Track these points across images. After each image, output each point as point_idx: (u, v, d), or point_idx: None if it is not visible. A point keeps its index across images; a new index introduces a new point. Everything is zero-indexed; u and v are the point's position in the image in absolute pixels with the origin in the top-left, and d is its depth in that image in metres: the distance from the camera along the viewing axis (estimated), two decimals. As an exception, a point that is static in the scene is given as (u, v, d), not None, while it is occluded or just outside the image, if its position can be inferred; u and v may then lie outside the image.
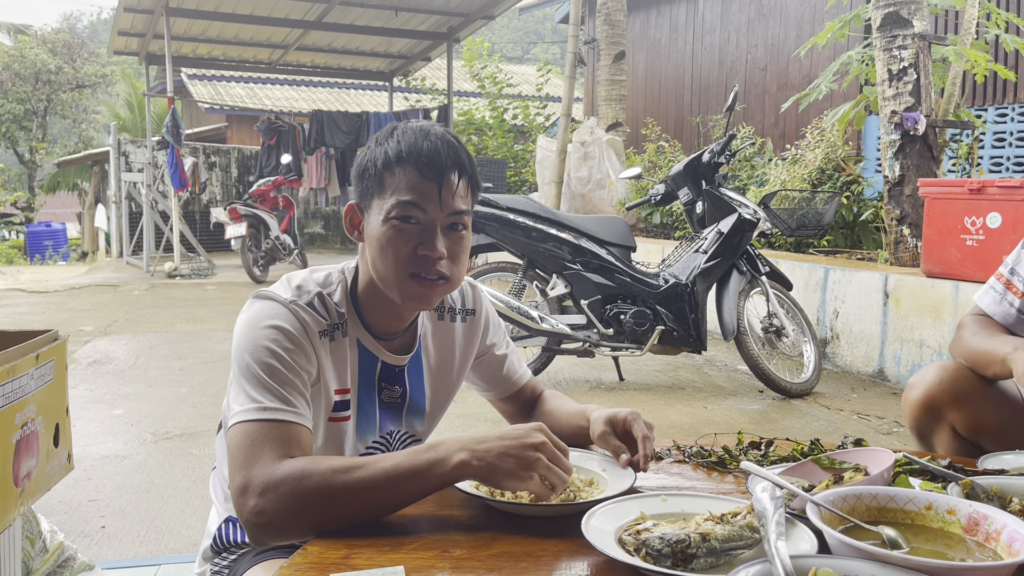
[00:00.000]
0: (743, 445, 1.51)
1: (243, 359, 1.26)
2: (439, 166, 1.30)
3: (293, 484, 1.15)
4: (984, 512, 1.04)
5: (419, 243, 1.30)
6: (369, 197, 1.33)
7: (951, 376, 1.58)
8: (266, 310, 1.30)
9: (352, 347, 1.38)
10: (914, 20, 5.07)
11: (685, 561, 1.01)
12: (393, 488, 1.16)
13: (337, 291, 1.38)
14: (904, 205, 5.11)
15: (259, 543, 1.24)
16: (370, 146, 1.35)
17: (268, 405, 1.22)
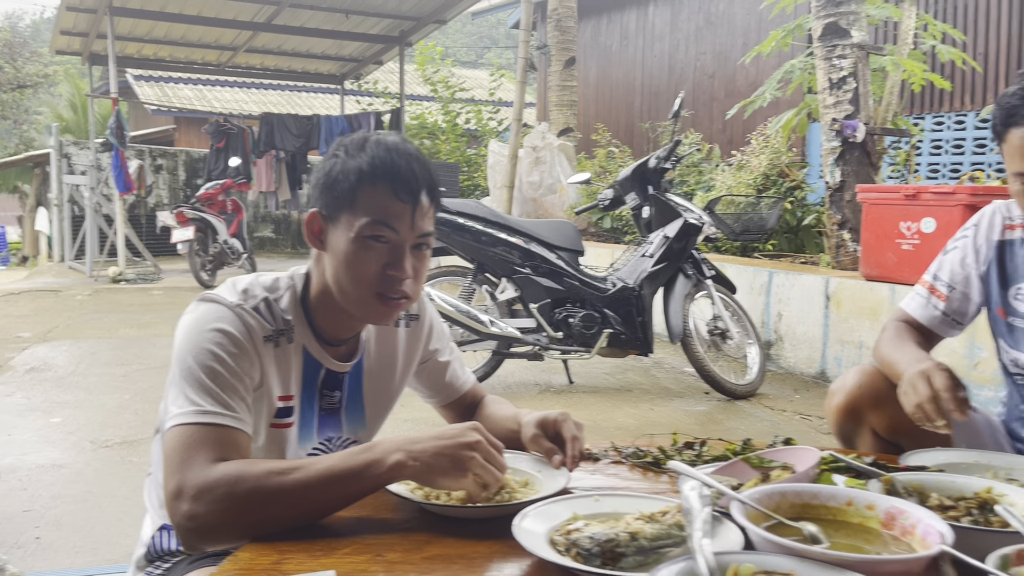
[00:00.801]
0: (678, 445, 1.54)
1: (185, 361, 1.25)
2: (414, 188, 1.30)
3: (227, 488, 1.13)
4: (901, 507, 1.07)
5: (387, 263, 1.31)
6: (337, 210, 1.31)
7: (869, 380, 1.63)
8: (211, 313, 1.29)
9: (297, 353, 1.37)
10: (853, 31, 5.21)
11: (614, 560, 1.02)
12: (328, 490, 1.16)
13: (285, 297, 1.37)
14: (844, 210, 5.25)
15: (192, 549, 1.22)
16: (338, 155, 1.33)
17: (207, 408, 1.21)
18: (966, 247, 1.69)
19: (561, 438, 1.39)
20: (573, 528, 1.09)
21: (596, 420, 4.01)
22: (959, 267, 1.69)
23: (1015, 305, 1.61)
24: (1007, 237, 1.64)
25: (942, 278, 1.71)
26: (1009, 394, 1.70)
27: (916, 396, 1.38)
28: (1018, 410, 1.66)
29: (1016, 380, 1.65)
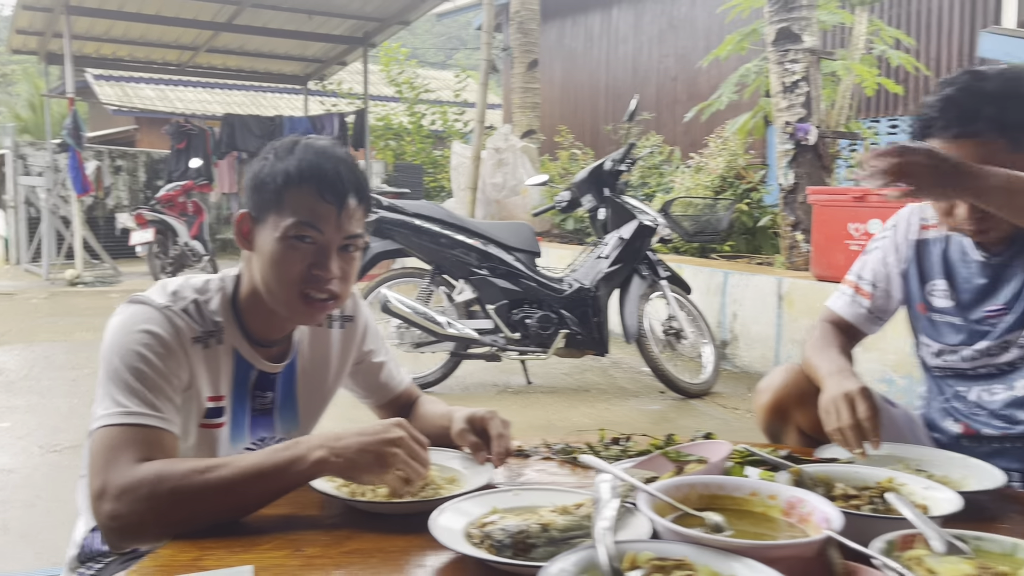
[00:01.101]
0: (605, 441, 1.58)
1: (112, 363, 1.26)
2: (340, 190, 1.33)
3: (150, 487, 1.15)
4: (800, 496, 1.12)
5: (313, 263, 1.33)
6: (265, 211, 1.34)
7: (795, 379, 1.69)
8: (139, 314, 1.30)
9: (227, 355, 1.39)
10: (804, 36, 5.31)
11: (525, 551, 1.06)
12: (251, 487, 1.18)
13: (215, 299, 1.38)
14: (797, 212, 5.35)
15: (116, 547, 1.24)
16: (268, 158, 1.36)
17: (133, 409, 1.22)
18: (887, 247, 1.76)
19: (488, 435, 1.43)
20: (488, 521, 1.13)
21: (552, 420, 4.06)
22: (881, 266, 1.76)
23: (933, 300, 1.68)
24: (923, 236, 1.71)
25: (865, 277, 1.78)
26: (928, 388, 1.77)
27: (837, 420, 1.42)
28: (936, 402, 1.72)
29: (934, 373, 1.72)
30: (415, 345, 4.43)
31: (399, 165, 12.22)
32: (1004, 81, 1.44)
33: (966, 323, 1.63)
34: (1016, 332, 1.56)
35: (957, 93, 1.46)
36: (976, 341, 1.61)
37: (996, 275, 1.59)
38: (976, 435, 1.63)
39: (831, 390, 1.46)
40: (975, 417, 1.64)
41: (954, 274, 1.65)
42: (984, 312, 1.61)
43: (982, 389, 1.63)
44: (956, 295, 1.64)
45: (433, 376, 4.55)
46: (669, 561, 0.94)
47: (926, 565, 0.96)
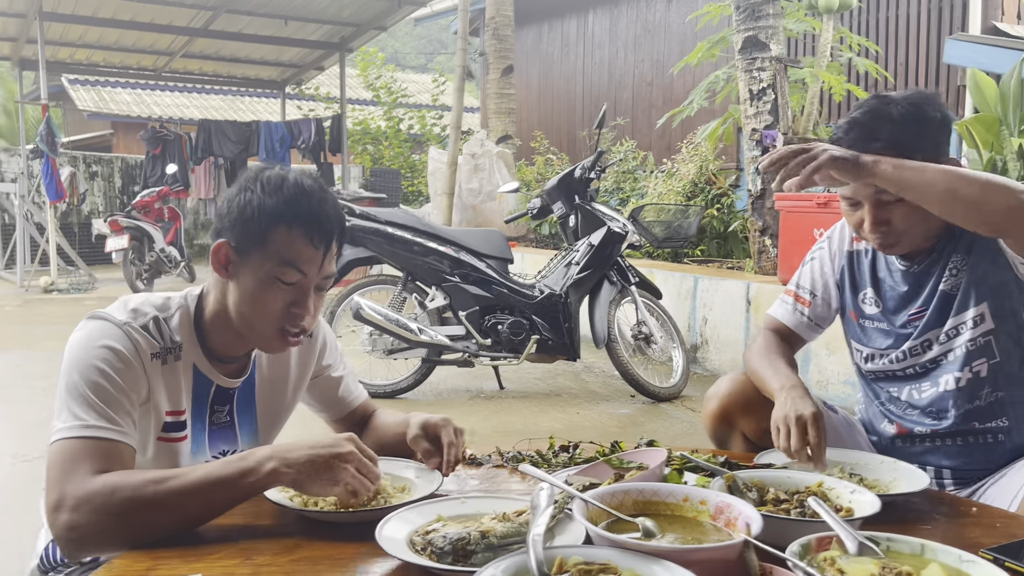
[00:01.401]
0: (554, 449, 1.63)
1: (71, 378, 1.29)
2: (327, 234, 1.37)
3: (104, 497, 1.19)
4: (728, 502, 1.18)
5: (292, 301, 1.38)
6: (248, 245, 1.35)
7: (740, 388, 1.75)
8: (99, 330, 1.34)
9: (187, 371, 1.42)
10: (771, 44, 5.41)
11: (465, 557, 1.11)
12: (205, 497, 1.22)
13: (176, 316, 1.42)
14: (766, 217, 5.44)
15: (73, 557, 1.28)
16: (254, 190, 1.36)
17: (91, 423, 1.26)
18: (823, 257, 1.83)
19: (440, 442, 1.47)
20: (432, 529, 1.18)
21: (524, 425, 4.11)
22: (818, 276, 1.83)
23: (864, 308, 1.76)
24: (855, 247, 1.80)
25: (804, 286, 1.85)
26: (864, 392, 1.84)
27: (787, 442, 1.47)
28: (872, 406, 1.80)
29: (868, 377, 1.80)
30: (388, 352, 4.48)
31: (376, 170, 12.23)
32: (906, 106, 1.55)
33: (892, 328, 1.72)
34: (935, 329, 1.65)
35: (862, 116, 1.57)
36: (902, 344, 1.70)
37: (916, 282, 1.69)
38: (909, 434, 1.71)
39: (784, 408, 1.51)
40: (907, 417, 1.72)
41: (880, 283, 1.75)
42: (907, 316, 1.69)
43: (911, 388, 1.71)
44: (883, 302, 1.74)
45: (406, 382, 4.60)
46: (594, 565, 1.00)
47: (837, 565, 1.02)
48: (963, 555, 1.06)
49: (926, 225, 1.58)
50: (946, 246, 1.64)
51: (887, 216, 1.56)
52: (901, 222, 1.56)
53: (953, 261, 1.63)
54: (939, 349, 1.66)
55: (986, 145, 4.70)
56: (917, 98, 1.57)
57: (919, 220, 1.56)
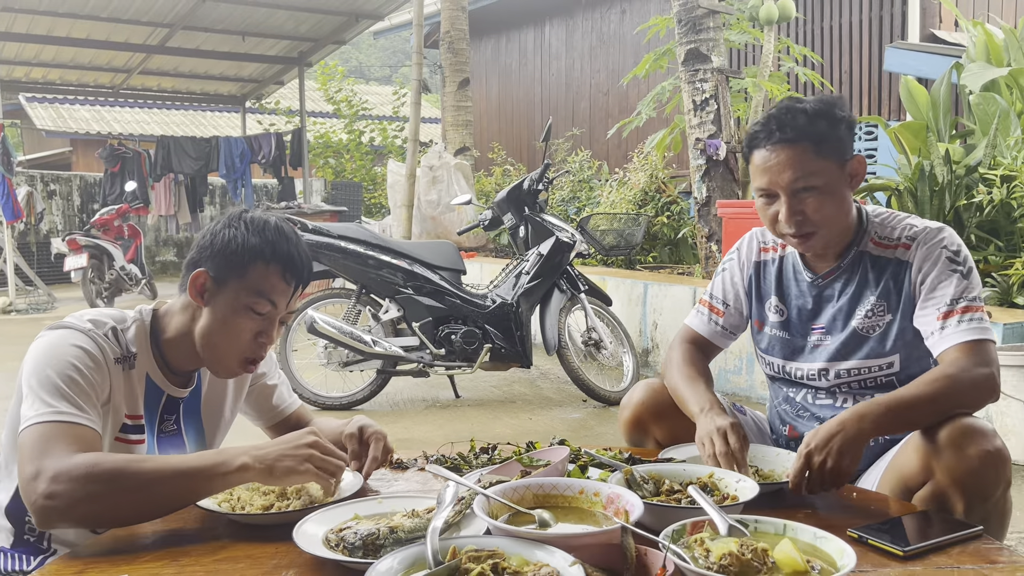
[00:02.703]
0: (475, 451, 1.74)
1: (43, 373, 1.39)
2: (299, 273, 1.55)
3: (87, 468, 1.28)
4: (618, 493, 1.30)
5: (260, 331, 1.53)
6: (228, 274, 1.50)
7: (652, 396, 1.86)
8: (67, 335, 1.45)
9: (140, 380, 1.54)
10: (712, 56, 5.59)
11: (375, 551, 1.21)
12: (180, 482, 1.32)
13: (131, 328, 1.54)
14: (711, 223, 5.61)
15: (47, 526, 1.35)
16: (238, 227, 1.51)
17: (63, 410, 1.36)
18: (732, 268, 1.94)
19: (367, 448, 1.59)
20: (345, 527, 1.28)
21: (476, 431, 4.20)
22: (729, 285, 1.94)
23: (768, 316, 1.87)
24: (762, 258, 1.90)
25: (717, 296, 1.96)
26: (769, 394, 1.96)
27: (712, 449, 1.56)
28: (775, 406, 1.92)
29: (773, 381, 1.92)
30: (343, 364, 4.55)
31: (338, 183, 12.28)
32: (817, 103, 1.69)
33: (794, 339, 1.82)
34: (837, 362, 1.75)
35: (777, 111, 1.69)
36: (801, 357, 1.81)
37: (820, 295, 1.79)
38: (800, 437, 1.81)
39: (705, 426, 1.61)
40: (799, 419, 1.83)
41: (785, 292, 1.85)
42: (809, 330, 1.80)
43: (808, 392, 1.82)
44: (787, 311, 1.84)
45: (362, 394, 4.67)
46: (484, 551, 1.10)
47: (704, 546, 1.14)
48: (818, 532, 1.18)
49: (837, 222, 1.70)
50: (854, 265, 1.74)
51: (801, 207, 1.66)
52: (814, 213, 1.66)
53: (869, 300, 1.72)
54: (841, 379, 1.76)
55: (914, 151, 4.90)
56: (827, 99, 1.71)
57: (831, 213, 1.67)
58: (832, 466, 1.42)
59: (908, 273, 1.70)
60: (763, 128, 1.69)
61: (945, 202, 4.45)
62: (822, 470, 1.42)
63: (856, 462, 1.45)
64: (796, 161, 1.65)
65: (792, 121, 1.66)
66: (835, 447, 1.43)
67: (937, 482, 1.45)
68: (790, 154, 1.65)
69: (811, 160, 1.65)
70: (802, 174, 1.65)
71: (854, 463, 1.44)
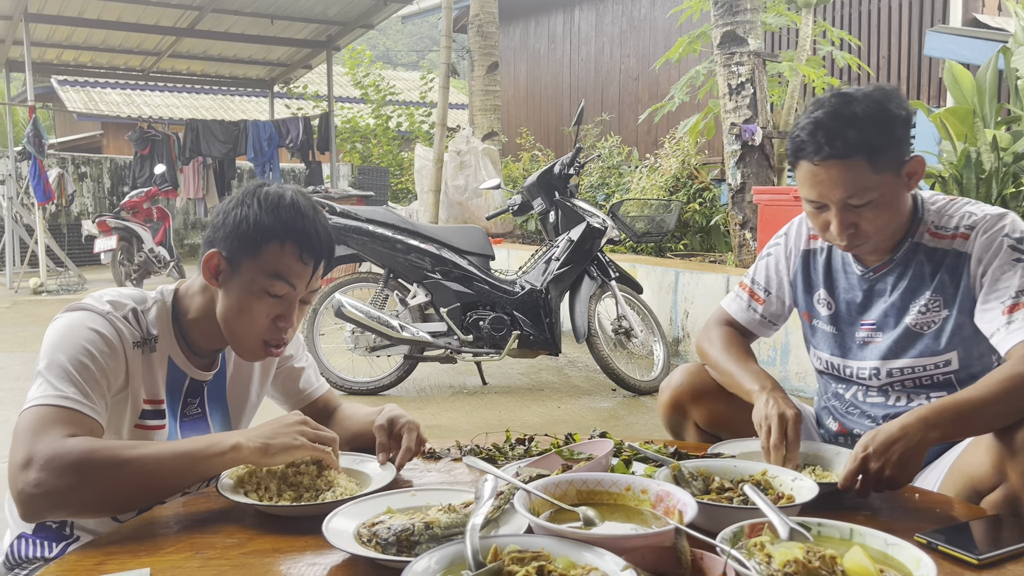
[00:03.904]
0: (511, 442, 1.66)
1: (55, 356, 1.33)
2: (319, 252, 1.43)
3: (79, 455, 1.22)
4: (667, 490, 1.21)
5: (279, 315, 1.44)
6: (241, 257, 1.41)
7: (692, 379, 1.78)
8: (84, 317, 1.38)
9: (162, 363, 1.47)
10: (749, 39, 5.44)
11: (409, 548, 1.14)
12: (173, 466, 1.27)
13: (153, 310, 1.47)
14: (746, 211, 5.48)
15: (32, 517, 1.28)
16: (251, 205, 1.41)
17: (68, 395, 1.30)
18: (778, 254, 1.83)
19: (399, 439, 1.51)
20: (378, 521, 1.21)
21: (504, 419, 4.13)
22: (773, 273, 1.83)
23: (817, 309, 1.76)
24: (811, 247, 1.78)
25: (759, 282, 1.86)
26: (819, 388, 1.86)
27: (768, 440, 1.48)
28: (823, 401, 1.82)
29: (823, 375, 1.82)
30: (370, 349, 4.50)
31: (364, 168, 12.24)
32: (869, 104, 1.51)
33: (843, 334, 1.71)
34: (890, 360, 1.64)
35: (825, 116, 1.52)
36: (850, 354, 1.70)
37: (871, 289, 1.68)
38: (849, 434, 1.72)
39: (768, 408, 1.52)
40: (848, 416, 1.73)
41: (834, 285, 1.73)
42: (859, 327, 1.69)
43: (858, 390, 1.71)
44: (835, 305, 1.73)
45: (388, 379, 4.62)
46: (528, 553, 1.03)
47: (765, 550, 1.05)
48: (889, 538, 1.09)
49: (892, 226, 1.58)
50: (908, 258, 1.63)
51: (855, 220, 1.54)
52: (869, 225, 1.54)
53: (924, 295, 1.61)
54: (894, 378, 1.65)
55: (960, 137, 4.74)
56: (880, 95, 1.53)
57: (886, 222, 1.56)
58: (890, 475, 1.32)
59: (967, 265, 1.57)
60: (810, 139, 1.52)
61: (992, 190, 4.30)
62: (878, 476, 1.32)
63: (916, 471, 1.35)
64: (848, 179, 1.50)
65: (842, 133, 1.49)
66: (895, 455, 1.32)
67: (1011, 485, 1.35)
68: (841, 171, 1.50)
69: (865, 176, 1.50)
70: (855, 191, 1.51)
71: (913, 472, 1.35)
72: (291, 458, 1.34)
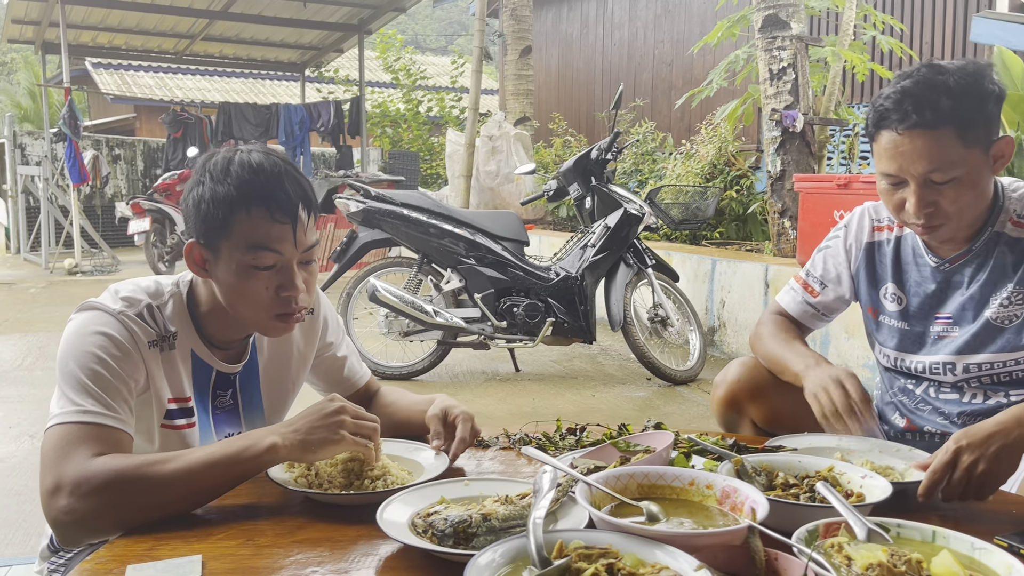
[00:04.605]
0: (561, 431, 1.62)
1: (67, 366, 1.27)
2: (289, 207, 1.30)
3: (104, 478, 1.17)
4: (735, 486, 1.16)
5: (279, 286, 1.33)
6: (214, 239, 1.31)
7: (748, 374, 1.72)
8: (93, 319, 1.31)
9: (185, 358, 1.40)
10: (792, 22, 5.32)
11: (467, 539, 1.10)
12: (207, 476, 1.21)
13: (169, 304, 1.39)
14: (785, 199, 5.37)
15: (71, 543, 1.26)
16: (203, 181, 1.31)
17: (88, 408, 1.24)
18: (837, 247, 1.76)
19: (453, 429, 1.46)
20: (433, 511, 1.17)
21: (538, 407, 4.10)
22: (831, 265, 1.76)
23: (884, 304, 1.69)
24: (876, 239, 1.70)
25: (815, 275, 1.79)
26: (880, 380, 1.80)
27: (830, 404, 1.42)
28: (888, 396, 1.75)
29: (888, 371, 1.75)
30: (403, 334, 4.48)
31: (395, 152, 12.23)
32: (962, 76, 1.43)
33: (914, 329, 1.64)
34: (966, 355, 1.56)
35: (914, 85, 1.44)
36: (922, 350, 1.62)
37: (946, 281, 1.60)
38: (918, 431, 1.65)
39: (817, 378, 1.47)
40: (918, 412, 1.66)
41: (904, 278, 1.65)
42: (932, 321, 1.61)
43: (930, 386, 1.64)
44: (906, 299, 1.65)
45: (421, 365, 4.60)
46: (595, 549, 0.98)
47: (844, 552, 1.00)
48: (976, 542, 1.03)
49: (973, 210, 1.49)
50: (987, 249, 1.54)
51: (935, 198, 1.45)
52: (950, 204, 1.45)
53: (1006, 287, 1.52)
54: (971, 374, 1.57)
55: (1012, 124, 4.60)
56: (973, 68, 1.44)
57: (968, 203, 1.47)
58: (984, 469, 1.24)
59: None
60: (895, 107, 1.43)
61: (1045, 180, 4.16)
62: (970, 472, 1.25)
63: (1009, 473, 1.28)
64: (934, 151, 1.41)
65: (933, 102, 1.40)
66: (992, 450, 1.25)
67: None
68: (927, 142, 1.41)
69: (953, 149, 1.41)
70: (940, 165, 1.42)
71: (1009, 471, 1.27)
72: (331, 455, 1.27)
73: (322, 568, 1.07)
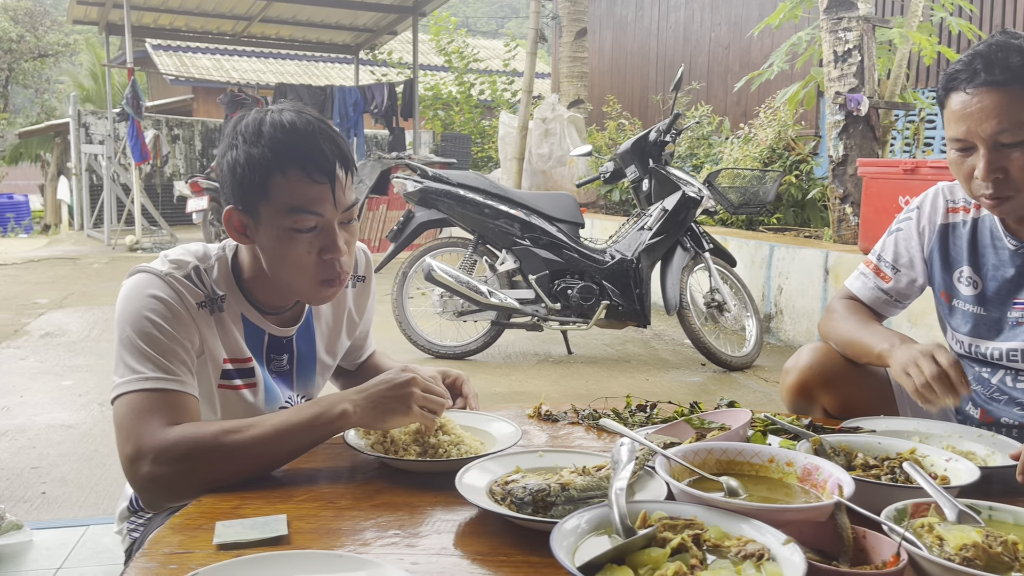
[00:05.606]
0: (631, 408, 1.61)
1: (124, 331, 1.29)
2: (327, 167, 1.27)
3: (186, 447, 1.20)
4: (816, 464, 1.15)
5: (321, 247, 1.31)
6: (253, 204, 1.29)
7: (820, 360, 1.67)
8: (142, 282, 1.32)
9: (236, 321, 1.40)
10: (859, 3, 5.18)
11: (545, 508, 1.11)
12: (282, 442, 1.24)
13: (215, 268, 1.39)
14: (847, 184, 5.25)
15: (154, 508, 1.30)
16: (236, 144, 1.28)
17: (149, 375, 1.26)
18: (910, 229, 1.70)
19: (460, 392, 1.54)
20: (511, 480, 1.18)
21: (591, 389, 4.09)
22: (903, 249, 1.71)
23: (959, 288, 1.63)
24: (950, 220, 1.65)
25: (886, 259, 1.73)
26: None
27: (923, 375, 1.39)
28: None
29: (962, 358, 1.69)
30: (458, 314, 4.50)
31: (447, 135, 12.25)
32: None
33: (990, 314, 1.58)
34: None
35: (985, 47, 1.42)
36: (999, 336, 1.57)
37: None
38: (995, 422, 1.60)
39: (905, 354, 1.43)
40: (994, 403, 1.60)
41: (981, 261, 1.60)
42: (1011, 306, 1.56)
43: (1006, 374, 1.59)
44: (982, 283, 1.60)
45: (475, 345, 4.62)
46: (680, 520, 0.98)
47: (936, 532, 0.98)
48: (1072, 527, 1.00)
49: None
50: None
51: (1004, 163, 1.41)
52: (1020, 172, 1.41)
53: None
54: None
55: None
56: None
57: None
58: None
59: None
60: (965, 67, 1.41)
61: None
62: None
63: None
64: (1003, 108, 1.38)
65: (1003, 59, 1.38)
66: None
67: None
68: (997, 99, 1.38)
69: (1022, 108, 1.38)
70: (1009, 125, 1.38)
71: None
72: (399, 425, 1.28)
73: (403, 531, 1.09)
